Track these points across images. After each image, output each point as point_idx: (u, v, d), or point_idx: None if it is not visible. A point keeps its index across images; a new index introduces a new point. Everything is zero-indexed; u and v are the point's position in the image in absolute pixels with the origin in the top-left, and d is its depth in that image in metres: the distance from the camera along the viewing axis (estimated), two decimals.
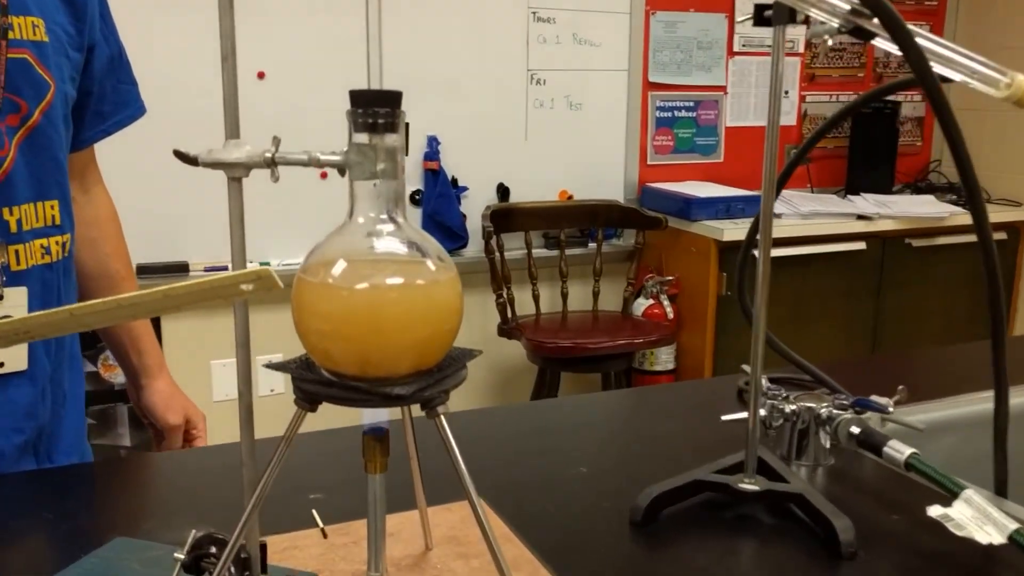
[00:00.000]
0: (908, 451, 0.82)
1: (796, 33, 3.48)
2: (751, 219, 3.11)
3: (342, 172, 0.54)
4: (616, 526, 0.80)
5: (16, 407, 0.94)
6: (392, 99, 0.53)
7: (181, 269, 2.59)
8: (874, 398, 0.97)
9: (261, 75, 2.62)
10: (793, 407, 0.93)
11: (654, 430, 1.07)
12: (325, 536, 0.77)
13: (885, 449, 0.84)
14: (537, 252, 3.03)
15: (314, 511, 0.80)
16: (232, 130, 0.57)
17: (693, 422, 1.07)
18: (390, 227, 0.54)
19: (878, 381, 1.21)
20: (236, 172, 0.57)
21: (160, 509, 0.83)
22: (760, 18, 0.75)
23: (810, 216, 3.08)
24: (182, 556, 0.63)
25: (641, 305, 3.11)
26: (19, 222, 0.93)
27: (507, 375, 3.18)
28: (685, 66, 3.30)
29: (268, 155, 0.55)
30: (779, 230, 3.01)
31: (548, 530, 0.79)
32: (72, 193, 1.08)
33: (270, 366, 0.54)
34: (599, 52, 3.11)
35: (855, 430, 0.88)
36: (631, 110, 3.23)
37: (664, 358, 3.11)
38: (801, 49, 3.51)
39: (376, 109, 0.52)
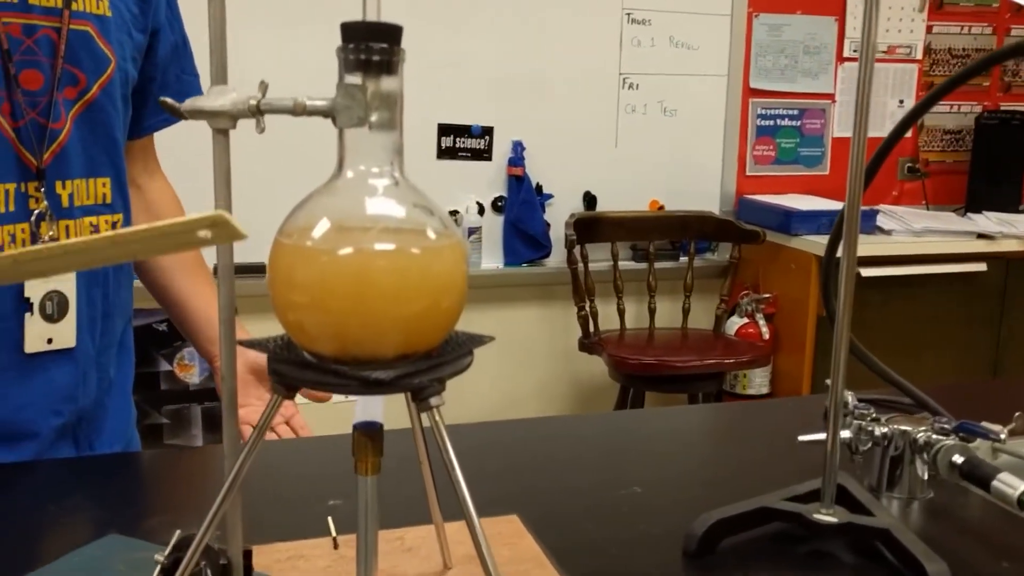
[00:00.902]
0: (1023, 486, 0.69)
1: (915, 38, 3.27)
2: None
3: (336, 122, 0.46)
4: (666, 556, 0.69)
5: (56, 388, 0.92)
6: (390, 34, 0.45)
7: (257, 270, 2.59)
8: (984, 425, 0.84)
9: None
10: (884, 430, 0.80)
11: (723, 450, 0.95)
12: (336, 547, 0.69)
13: (994, 483, 0.71)
14: (624, 264, 2.91)
15: (330, 519, 0.72)
16: (219, 75, 0.50)
17: (769, 443, 0.95)
18: (385, 182, 0.46)
19: (991, 407, 1.06)
20: (220, 123, 0.50)
21: (168, 507, 0.77)
22: None
23: (923, 233, 2.86)
24: (162, 558, 0.56)
25: (735, 324, 2.95)
26: (71, 197, 0.91)
27: (588, 392, 3.06)
28: (790, 72, 3.13)
29: (253, 103, 0.48)
30: (889, 247, 2.81)
31: (587, 555, 0.69)
32: (133, 178, 1.06)
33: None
34: (697, 56, 2.98)
35: (958, 459, 0.75)
36: (730, 117, 3.08)
37: (758, 381, 2.94)
38: (919, 55, 3.29)
39: (370, 44, 0.44)
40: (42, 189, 0.88)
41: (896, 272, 2.76)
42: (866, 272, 2.72)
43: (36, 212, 0.88)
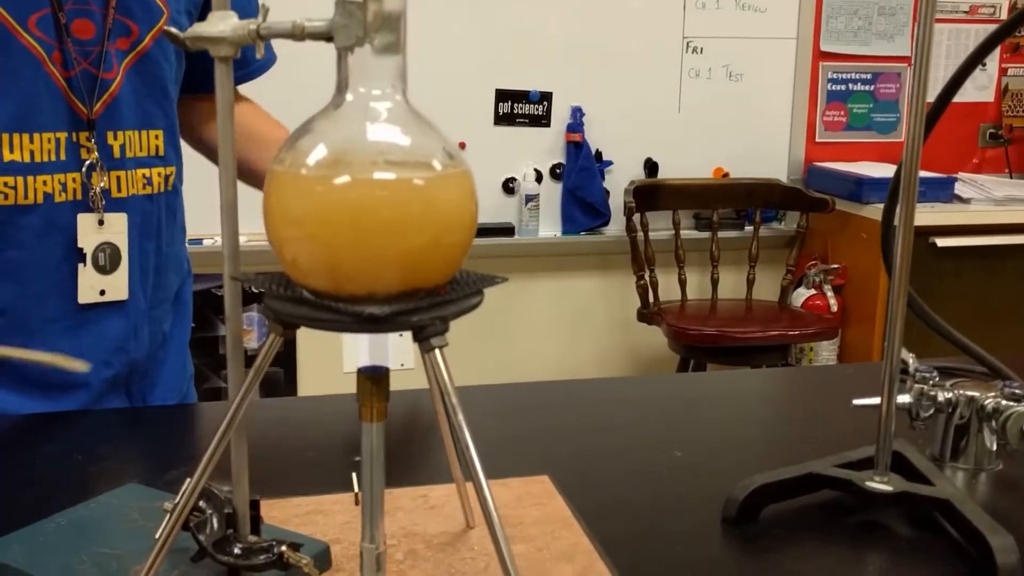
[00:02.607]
0: None
1: None
2: (932, 204, 2.77)
3: (329, 40, 0.42)
4: (704, 522, 0.65)
5: (106, 340, 0.92)
6: None
7: None
8: None
9: None
10: (949, 395, 0.74)
11: (775, 414, 0.90)
12: (358, 502, 0.67)
13: None
14: (686, 234, 2.83)
15: (354, 475, 0.70)
16: (220, 1, 0.47)
17: (825, 408, 0.90)
18: (387, 106, 0.42)
19: None
20: (221, 50, 0.47)
21: (193, 458, 0.75)
22: None
23: (1006, 202, 2.71)
24: (171, 507, 0.55)
25: (801, 295, 2.85)
26: (122, 148, 0.91)
27: (647, 363, 3.01)
28: (863, 34, 2.99)
29: (253, 27, 0.45)
30: (968, 216, 2.67)
31: (620, 519, 0.66)
32: (196, 131, 1.06)
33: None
34: (764, 18, 2.86)
35: None
36: (799, 82, 2.96)
37: (825, 355, 2.84)
38: (1004, 15, 3.11)
39: None
40: (93, 139, 0.88)
41: (974, 243, 2.62)
42: (942, 242, 2.60)
43: (87, 162, 0.88)
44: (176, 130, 0.98)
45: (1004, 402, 0.71)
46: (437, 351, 0.42)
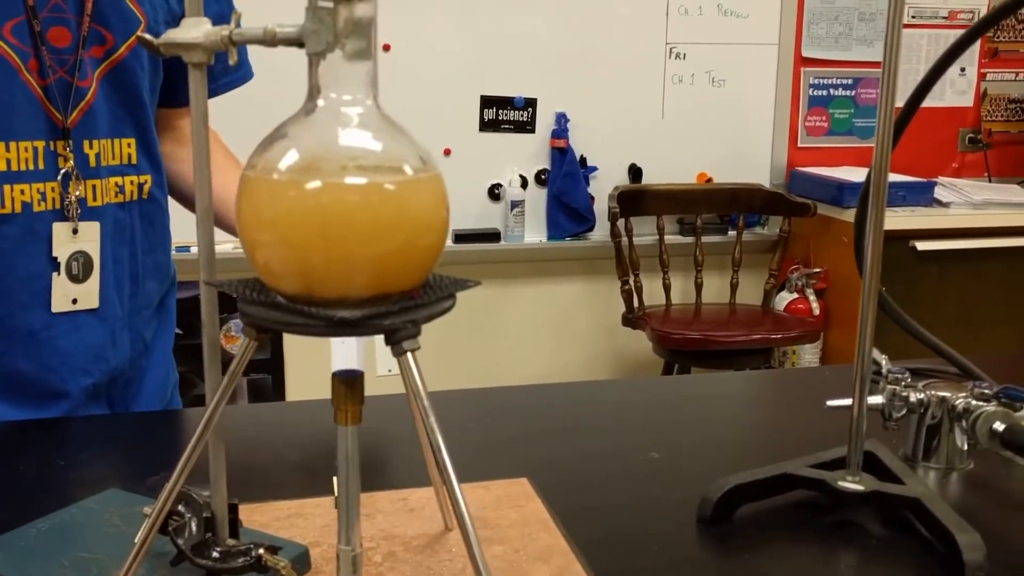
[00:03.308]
0: None
1: (977, 2, 3.12)
2: (912, 208, 2.80)
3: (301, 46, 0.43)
4: (679, 522, 0.66)
5: (85, 348, 0.92)
6: None
7: None
8: None
9: (387, 48, 2.59)
10: (920, 396, 0.76)
11: (752, 416, 0.92)
12: (337, 506, 0.67)
13: None
14: (670, 238, 2.85)
15: (335, 479, 0.70)
16: (193, 7, 0.48)
17: (801, 410, 0.91)
18: (358, 111, 0.43)
19: None
20: (194, 56, 0.48)
21: (175, 463, 0.76)
22: None
23: (984, 206, 2.74)
24: (151, 511, 0.55)
25: (784, 299, 2.87)
26: (97, 156, 0.91)
27: (632, 368, 3.02)
28: (844, 40, 3.02)
29: (225, 33, 0.46)
30: (948, 220, 2.70)
31: (597, 520, 0.67)
32: (165, 147, 1.05)
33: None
34: (746, 24, 2.89)
35: (999, 427, 0.70)
36: (781, 88, 2.99)
37: (808, 357, 2.86)
38: None
39: None
40: (69, 148, 0.88)
41: (954, 246, 2.65)
42: (922, 246, 2.63)
43: (63, 171, 0.88)
44: (152, 138, 0.97)
45: (974, 402, 0.73)
46: (409, 354, 0.42)
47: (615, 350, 3.00)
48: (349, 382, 0.47)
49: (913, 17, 3.06)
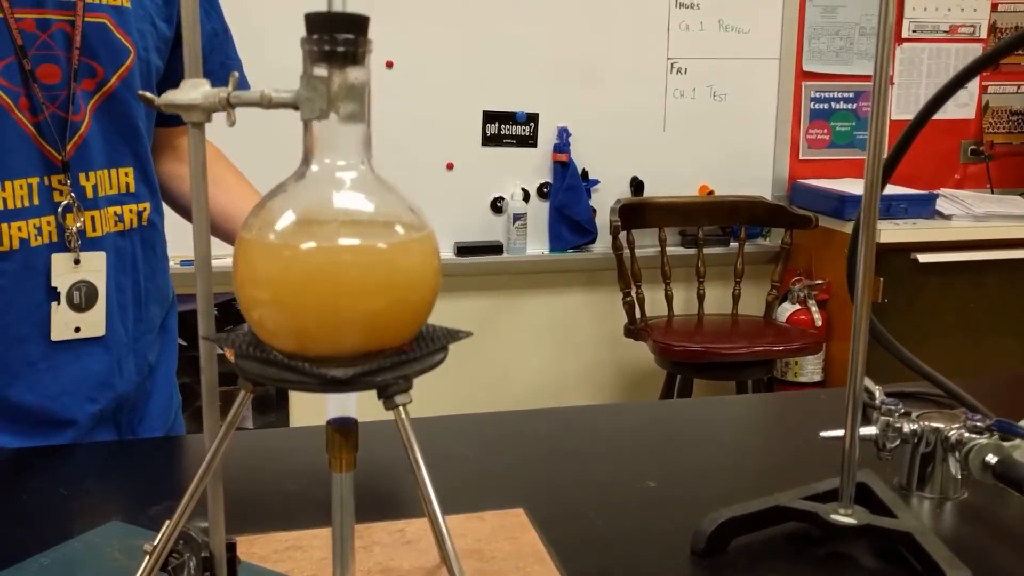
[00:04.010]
0: None
1: (979, 17, 3.13)
2: (914, 220, 2.81)
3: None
4: (674, 554, 0.67)
5: (90, 375, 0.93)
6: (356, 24, 0.43)
7: None
8: None
9: (390, 64, 2.61)
10: (914, 426, 0.76)
11: (748, 443, 0.92)
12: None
13: None
14: (673, 250, 2.86)
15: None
16: (192, 69, 0.49)
17: (798, 437, 0.91)
18: (351, 175, 0.44)
19: None
20: (193, 115, 0.49)
21: (176, 493, 0.77)
22: None
23: (985, 218, 2.75)
24: (151, 547, 0.56)
25: (786, 310, 2.88)
26: (95, 188, 0.92)
27: (635, 379, 3.03)
28: (845, 54, 3.03)
29: (223, 95, 0.47)
30: (949, 233, 2.70)
31: (591, 552, 0.67)
32: (166, 167, 1.06)
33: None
34: (747, 39, 2.90)
35: (992, 459, 0.71)
36: (782, 101, 3.00)
37: (810, 368, 2.87)
38: (984, 34, 3.15)
39: (334, 35, 0.42)
40: (68, 182, 0.89)
41: (956, 258, 2.65)
42: (924, 258, 2.63)
43: (63, 204, 0.89)
44: (149, 166, 0.98)
45: (967, 434, 0.73)
46: (401, 408, 0.43)
47: (617, 361, 3.01)
48: (344, 431, 0.48)
49: (914, 31, 3.07)
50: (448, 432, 0.90)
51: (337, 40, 0.43)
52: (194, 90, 0.48)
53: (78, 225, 0.90)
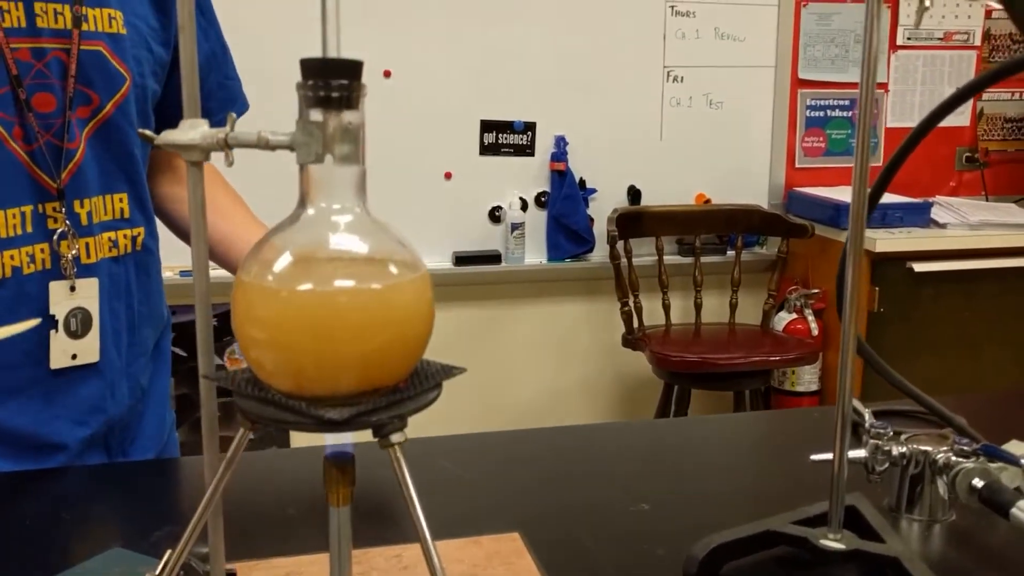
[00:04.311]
0: None
1: (972, 24, 3.15)
2: (909, 229, 2.82)
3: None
4: None
5: (81, 401, 0.93)
6: (350, 69, 0.44)
7: None
8: (1013, 443, 0.80)
9: (387, 74, 2.62)
10: (903, 449, 0.77)
11: (743, 464, 0.93)
12: None
13: (1013, 511, 0.68)
14: (670, 259, 2.87)
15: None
16: (191, 108, 0.50)
17: (792, 458, 0.92)
18: (346, 218, 0.45)
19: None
20: (192, 155, 0.50)
21: (176, 518, 0.78)
22: None
23: (980, 227, 2.76)
24: None
25: (783, 319, 2.89)
26: (89, 215, 0.92)
27: (633, 388, 3.04)
28: (840, 62, 3.05)
29: (221, 136, 0.48)
30: (944, 242, 2.72)
31: (584, 575, 0.68)
32: (164, 188, 1.07)
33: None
34: (743, 47, 2.92)
35: (978, 483, 0.72)
36: (778, 109, 3.01)
37: (807, 378, 2.88)
38: (978, 42, 3.17)
39: (329, 81, 0.44)
40: (62, 209, 0.89)
41: (951, 267, 2.67)
42: (919, 267, 2.64)
43: (57, 231, 0.89)
44: (144, 191, 0.98)
45: (954, 458, 0.75)
46: (396, 446, 0.44)
47: (615, 370, 3.02)
48: (341, 466, 0.49)
49: (908, 39, 3.09)
50: (446, 453, 0.91)
51: (332, 86, 0.44)
52: (193, 130, 0.50)
53: (73, 252, 0.90)
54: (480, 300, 2.87)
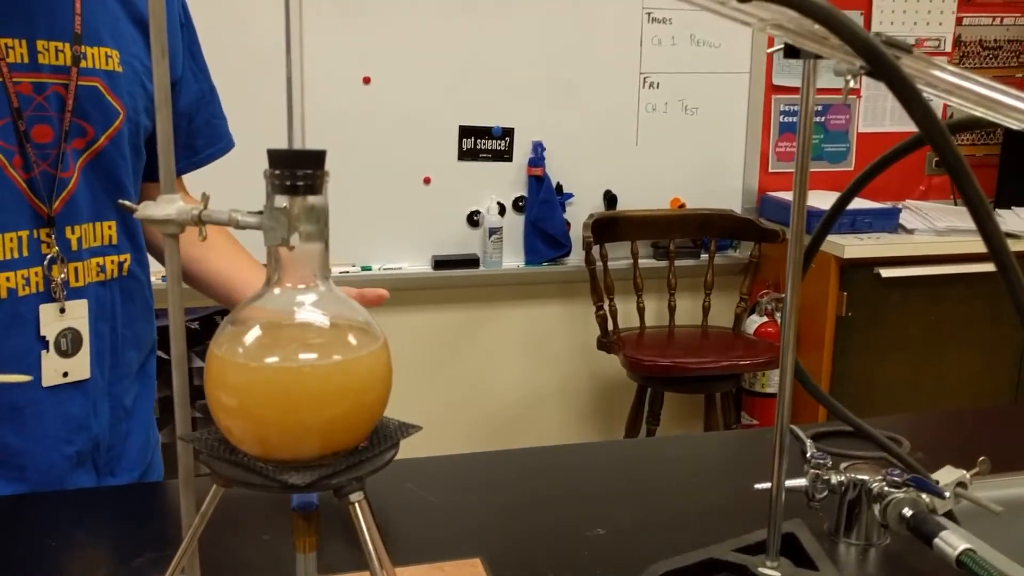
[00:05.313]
0: (962, 546, 0.71)
1: (943, 30, 3.21)
2: (878, 235, 2.87)
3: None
4: None
5: (67, 419, 0.97)
6: (314, 160, 0.48)
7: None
8: (945, 471, 0.85)
9: (367, 80, 2.65)
10: (841, 478, 0.83)
11: (698, 488, 0.98)
12: None
13: (936, 541, 0.73)
14: (645, 262, 2.92)
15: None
16: (167, 184, 0.54)
17: (747, 481, 0.97)
18: (310, 297, 0.50)
19: (971, 443, 1.07)
20: (168, 229, 0.54)
21: (160, 542, 0.82)
22: (790, 49, 0.67)
23: (947, 233, 2.83)
24: None
25: (754, 322, 2.95)
26: (79, 240, 0.96)
27: (608, 389, 3.09)
28: None
29: (195, 212, 0.52)
30: (912, 248, 2.78)
31: None
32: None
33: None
34: (718, 54, 2.96)
35: (907, 512, 0.77)
36: (752, 115, 3.06)
37: (777, 380, 2.94)
38: (948, 48, 3.23)
39: (295, 171, 0.48)
40: (53, 235, 0.93)
41: (917, 272, 2.73)
42: (886, 272, 2.71)
43: (48, 256, 0.93)
44: (133, 220, 1.02)
45: (887, 488, 0.80)
46: (356, 504, 0.49)
47: (591, 371, 3.07)
48: (306, 516, 0.53)
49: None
50: (414, 475, 0.95)
51: (297, 175, 0.48)
52: (169, 206, 0.54)
53: (62, 276, 0.94)
54: (458, 303, 2.92)
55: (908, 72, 0.50)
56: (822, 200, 2.96)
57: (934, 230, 2.83)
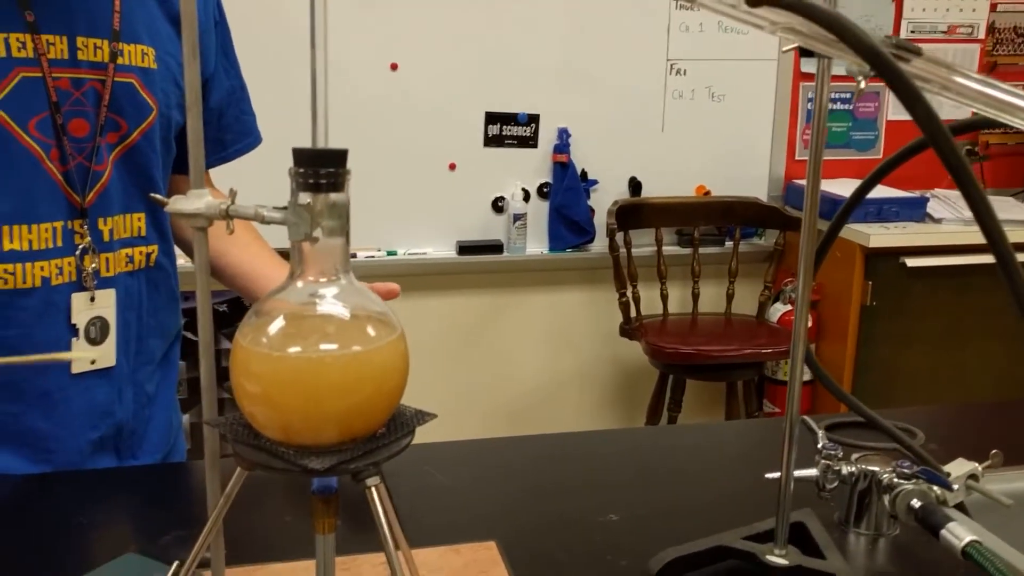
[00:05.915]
0: (968, 537, 0.72)
1: (977, 17, 3.17)
2: (904, 224, 2.85)
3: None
4: None
5: (92, 405, 1.01)
6: (336, 159, 0.50)
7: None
8: (957, 463, 0.86)
9: (394, 67, 2.67)
10: (852, 468, 0.84)
11: (712, 475, 1.00)
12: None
13: (942, 532, 0.74)
14: (669, 249, 2.93)
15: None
16: (197, 180, 0.57)
17: (759, 470, 0.99)
18: (332, 290, 0.52)
19: (987, 436, 1.08)
20: (197, 222, 0.56)
21: (187, 520, 0.85)
22: (805, 49, 0.68)
23: (974, 222, 2.79)
24: None
25: (778, 311, 2.94)
26: (111, 232, 1.00)
27: (630, 376, 3.11)
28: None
29: (223, 207, 0.54)
30: (939, 237, 2.76)
31: None
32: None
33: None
34: (746, 41, 2.94)
35: (915, 504, 0.78)
36: (779, 102, 3.04)
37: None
38: (982, 35, 3.19)
39: (318, 169, 0.50)
40: (86, 226, 0.97)
41: (943, 262, 2.71)
42: (912, 262, 2.69)
43: (80, 247, 0.97)
44: (161, 212, 1.04)
45: (896, 479, 0.81)
46: (373, 488, 0.51)
47: (613, 358, 3.09)
48: (326, 499, 0.55)
49: (912, 32, 3.11)
50: (433, 459, 0.98)
51: (320, 174, 0.50)
52: (198, 200, 0.56)
53: (94, 266, 0.98)
54: (482, 288, 2.94)
55: (914, 74, 0.51)
56: (848, 188, 2.94)
57: (962, 219, 2.80)
